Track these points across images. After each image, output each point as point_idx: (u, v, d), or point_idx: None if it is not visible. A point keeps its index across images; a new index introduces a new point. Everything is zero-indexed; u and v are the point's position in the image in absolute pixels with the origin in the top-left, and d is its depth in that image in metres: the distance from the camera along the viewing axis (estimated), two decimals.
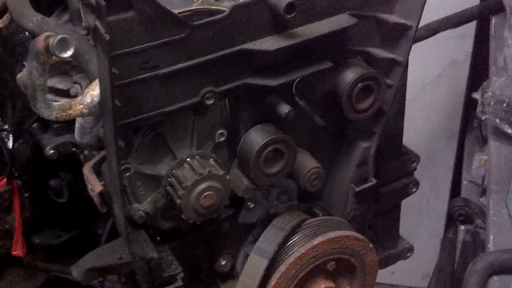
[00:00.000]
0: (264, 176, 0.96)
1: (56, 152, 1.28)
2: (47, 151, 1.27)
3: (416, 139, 2.18)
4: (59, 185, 1.68)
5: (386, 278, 2.57)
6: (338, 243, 1.01)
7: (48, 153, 1.27)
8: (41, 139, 1.31)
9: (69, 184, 1.65)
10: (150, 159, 0.93)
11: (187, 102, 0.89)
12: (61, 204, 1.67)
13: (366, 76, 0.96)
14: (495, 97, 1.37)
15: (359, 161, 1.05)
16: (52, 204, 1.68)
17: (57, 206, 1.68)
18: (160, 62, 0.84)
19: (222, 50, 0.87)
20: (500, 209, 1.25)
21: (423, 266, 2.45)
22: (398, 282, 2.59)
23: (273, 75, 0.91)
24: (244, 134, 0.96)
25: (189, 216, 0.91)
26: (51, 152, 1.27)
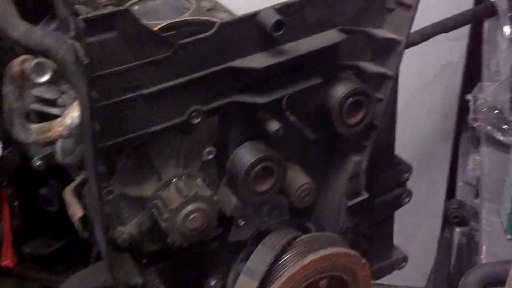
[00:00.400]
0: (253, 194, 0.94)
1: (43, 162, 1.25)
2: (34, 162, 1.25)
3: (412, 140, 2.16)
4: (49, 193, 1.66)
5: (384, 279, 2.56)
6: (329, 260, 0.99)
7: (35, 164, 1.25)
8: (29, 150, 1.29)
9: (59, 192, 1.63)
10: (134, 180, 0.90)
11: (173, 122, 0.86)
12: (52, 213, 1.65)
13: (357, 91, 0.93)
14: (487, 104, 1.36)
15: (350, 175, 1.03)
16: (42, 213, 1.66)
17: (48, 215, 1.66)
18: (144, 81, 0.82)
19: (208, 68, 0.85)
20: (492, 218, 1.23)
21: (421, 265, 2.45)
22: (395, 282, 2.59)
23: (262, 92, 0.89)
24: (233, 151, 0.94)
25: (175, 239, 0.89)
26: (38, 163, 1.25)
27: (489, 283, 1.06)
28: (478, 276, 1.06)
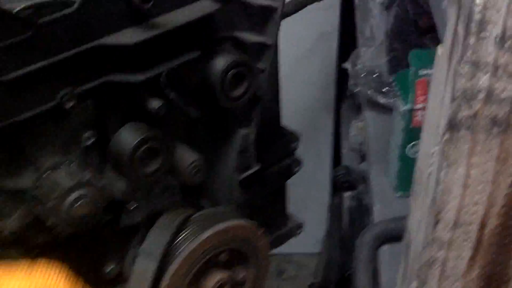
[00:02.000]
0: (141, 177, 0.90)
1: None
2: None
3: (295, 114, 2.21)
4: None
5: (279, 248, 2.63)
6: (227, 234, 0.99)
7: None
8: None
9: None
10: (9, 172, 0.83)
11: (43, 108, 0.80)
12: None
13: (237, 63, 0.93)
14: (365, 69, 1.42)
15: (240, 149, 1.03)
16: None
17: None
18: (3, 67, 0.75)
19: (75, 47, 0.79)
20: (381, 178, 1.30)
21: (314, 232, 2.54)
22: (291, 251, 2.67)
23: (137, 69, 0.85)
24: (113, 134, 0.89)
25: (61, 229, 0.84)
26: None
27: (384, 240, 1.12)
28: (374, 233, 1.12)
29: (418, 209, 0.65)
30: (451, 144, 0.56)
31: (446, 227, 0.60)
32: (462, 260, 0.62)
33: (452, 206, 0.59)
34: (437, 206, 0.60)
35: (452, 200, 0.59)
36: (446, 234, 0.61)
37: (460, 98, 0.53)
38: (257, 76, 0.97)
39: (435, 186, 0.59)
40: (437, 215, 0.60)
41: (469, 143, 0.54)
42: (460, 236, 0.60)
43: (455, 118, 0.54)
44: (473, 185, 0.57)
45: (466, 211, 0.58)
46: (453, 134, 0.55)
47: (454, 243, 0.61)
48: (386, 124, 1.32)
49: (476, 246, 0.60)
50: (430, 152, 0.59)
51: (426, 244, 0.63)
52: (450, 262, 0.62)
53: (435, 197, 0.59)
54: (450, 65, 0.54)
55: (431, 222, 0.61)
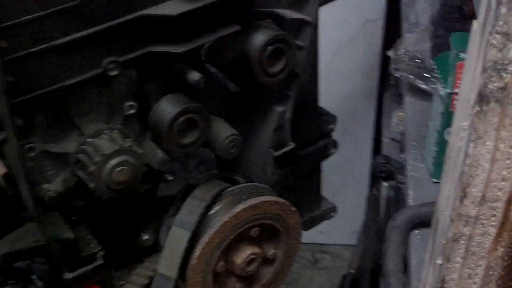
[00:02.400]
0: (179, 147, 0.94)
1: None
2: None
3: (336, 100, 2.22)
4: None
5: (315, 238, 2.64)
6: (260, 209, 1.01)
7: None
8: None
9: None
10: (55, 136, 0.88)
11: (89, 74, 0.84)
12: None
13: (276, 38, 0.94)
14: (408, 54, 1.41)
15: (275, 125, 1.05)
16: None
17: None
18: (54, 32, 0.79)
19: (121, 17, 0.83)
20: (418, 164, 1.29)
21: (351, 224, 2.54)
22: (327, 241, 2.67)
23: (179, 41, 0.88)
24: (155, 104, 0.92)
25: (100, 193, 0.88)
26: None
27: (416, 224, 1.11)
28: (405, 217, 1.11)
29: (448, 184, 0.65)
30: (480, 117, 0.55)
31: (473, 203, 0.60)
32: (487, 237, 0.61)
33: (480, 181, 0.59)
34: (464, 180, 0.59)
35: (479, 175, 0.58)
36: (472, 209, 0.61)
37: (491, 69, 0.52)
38: (295, 53, 0.98)
39: (464, 160, 0.59)
40: (464, 189, 0.60)
41: (498, 116, 0.54)
42: (486, 212, 0.60)
43: (485, 90, 0.53)
44: (501, 159, 0.56)
45: (493, 186, 0.58)
46: (483, 107, 0.55)
47: (480, 219, 0.61)
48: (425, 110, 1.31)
49: (502, 223, 0.59)
50: (461, 126, 0.59)
51: (452, 219, 0.63)
52: (475, 239, 0.62)
53: (463, 171, 0.59)
54: (483, 36, 0.54)
55: (458, 196, 0.61)
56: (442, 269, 0.66)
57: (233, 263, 1.02)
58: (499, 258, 0.62)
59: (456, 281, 0.65)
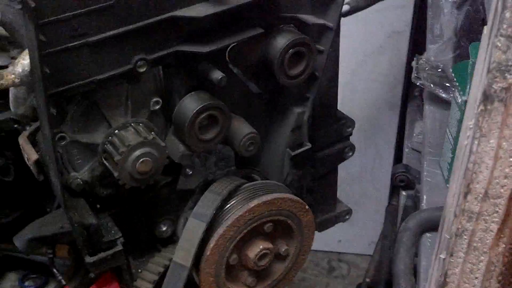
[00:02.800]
0: (199, 142, 0.98)
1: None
2: None
3: (359, 109, 2.24)
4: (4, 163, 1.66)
5: (333, 246, 2.65)
6: (274, 205, 1.04)
7: None
8: None
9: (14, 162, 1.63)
10: (85, 127, 0.94)
11: (119, 70, 0.89)
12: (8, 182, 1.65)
13: (297, 42, 0.98)
14: (429, 63, 1.43)
15: (293, 126, 1.08)
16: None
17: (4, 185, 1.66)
18: (89, 30, 0.84)
19: (152, 17, 0.88)
20: (434, 170, 1.31)
21: (369, 234, 2.54)
22: (345, 250, 2.68)
23: (205, 42, 0.93)
24: (179, 101, 0.97)
25: (123, 181, 0.92)
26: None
27: (428, 227, 1.13)
28: (417, 220, 1.13)
29: (455, 182, 0.67)
30: (484, 116, 0.58)
31: (476, 199, 0.62)
32: (489, 233, 0.63)
33: (483, 178, 0.61)
34: (468, 177, 0.62)
35: (483, 172, 0.60)
36: (475, 205, 0.63)
37: (495, 70, 0.55)
38: (316, 56, 1.01)
39: (468, 157, 0.61)
40: (468, 185, 0.62)
41: (501, 115, 0.57)
42: (489, 209, 0.62)
43: (489, 90, 0.56)
44: (504, 157, 0.58)
45: (496, 183, 0.60)
46: (487, 106, 0.57)
47: (483, 215, 0.63)
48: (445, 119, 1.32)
49: (504, 220, 0.61)
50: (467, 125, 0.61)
51: (456, 215, 0.65)
52: (478, 234, 0.64)
53: (468, 168, 0.62)
54: (490, 39, 0.57)
55: (462, 192, 0.63)
56: (445, 264, 0.68)
57: (246, 256, 1.05)
58: (500, 254, 0.64)
59: (458, 275, 0.67)
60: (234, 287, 1.08)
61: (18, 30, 1.03)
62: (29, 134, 0.98)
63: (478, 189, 0.62)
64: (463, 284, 0.67)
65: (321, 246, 2.62)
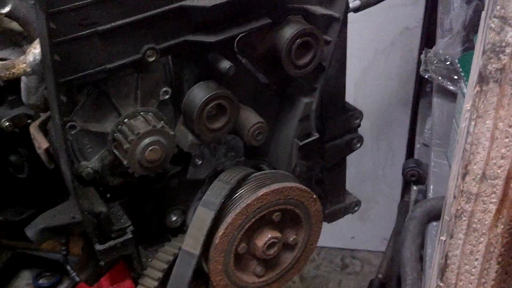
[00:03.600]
0: (208, 132, 1.00)
1: (12, 124, 1.29)
2: (3, 123, 1.29)
3: (372, 106, 2.24)
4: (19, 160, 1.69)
5: (346, 243, 2.65)
6: (282, 194, 1.05)
7: (4, 125, 1.29)
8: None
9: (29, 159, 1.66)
10: (95, 116, 0.96)
11: (129, 59, 0.91)
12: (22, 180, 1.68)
13: (304, 32, 0.99)
14: (438, 56, 1.43)
15: (301, 116, 1.09)
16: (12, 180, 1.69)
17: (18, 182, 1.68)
18: (99, 19, 0.86)
19: (161, 7, 0.90)
20: (441, 161, 1.32)
21: (382, 230, 2.54)
22: (357, 247, 2.68)
23: (213, 32, 0.94)
24: (188, 91, 0.99)
25: (132, 169, 0.94)
26: (7, 124, 1.29)
27: (434, 215, 1.14)
28: (424, 209, 1.14)
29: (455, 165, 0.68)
30: (480, 97, 0.59)
31: (474, 180, 0.63)
32: (488, 214, 0.64)
33: (480, 159, 0.61)
34: (466, 158, 0.63)
35: (480, 152, 0.61)
36: (473, 186, 0.63)
37: (490, 51, 0.56)
38: (323, 47, 1.02)
39: (466, 138, 0.62)
40: (466, 166, 0.63)
41: (497, 96, 0.57)
42: (486, 189, 0.63)
43: (485, 71, 0.57)
44: (500, 138, 0.59)
45: (493, 164, 0.61)
46: (482, 87, 0.58)
47: (481, 196, 0.63)
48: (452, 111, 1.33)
49: (502, 200, 0.62)
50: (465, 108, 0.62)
51: (455, 196, 0.66)
52: (476, 215, 0.64)
53: (465, 149, 0.63)
54: (485, 21, 0.58)
55: (461, 174, 0.64)
56: (446, 246, 0.69)
57: (255, 245, 1.06)
58: (499, 235, 0.64)
59: (459, 257, 0.68)
60: (242, 276, 1.09)
61: (32, 24, 1.06)
62: (40, 123, 1.01)
63: (475, 170, 0.63)
64: (463, 265, 0.68)
65: (334, 243, 2.63)
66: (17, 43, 1.18)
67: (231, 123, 1.01)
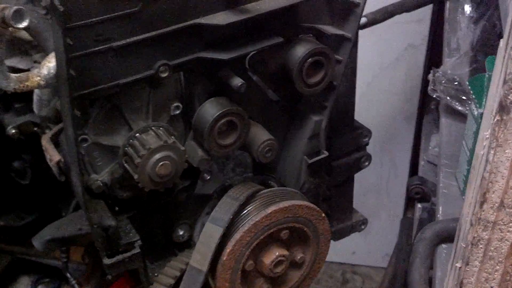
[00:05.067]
0: (218, 148, 0.99)
1: (18, 131, 1.29)
2: (9, 130, 1.29)
3: (375, 121, 2.24)
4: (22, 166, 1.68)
5: (347, 258, 2.64)
6: (291, 212, 1.05)
7: (10, 132, 1.29)
8: (3, 119, 1.33)
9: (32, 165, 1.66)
10: (106, 130, 0.96)
11: (142, 75, 0.91)
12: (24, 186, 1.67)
13: (316, 51, 1.00)
14: (446, 76, 1.44)
15: (311, 134, 1.10)
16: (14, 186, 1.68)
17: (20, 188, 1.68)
18: (114, 34, 0.87)
19: (175, 24, 0.90)
20: (449, 182, 1.32)
21: (383, 246, 2.53)
22: (359, 262, 2.67)
23: (226, 49, 0.95)
24: (199, 106, 0.99)
25: (143, 183, 0.94)
26: (13, 132, 1.29)
27: (444, 237, 1.13)
28: (433, 231, 1.14)
29: (471, 192, 0.68)
30: (500, 126, 0.59)
31: (492, 208, 0.63)
32: (505, 243, 0.64)
33: (499, 187, 0.61)
34: (484, 186, 0.62)
35: (499, 181, 0.61)
36: (491, 215, 0.63)
37: (511, 81, 0.56)
38: (334, 66, 1.03)
39: (484, 167, 0.62)
40: (484, 194, 0.63)
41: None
42: (504, 218, 0.63)
43: (505, 100, 0.57)
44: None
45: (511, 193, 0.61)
46: (503, 116, 0.58)
47: (498, 225, 0.63)
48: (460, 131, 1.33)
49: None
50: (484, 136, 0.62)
51: (472, 224, 0.66)
52: (493, 244, 0.64)
53: (484, 177, 0.62)
54: (506, 51, 0.58)
55: (478, 202, 0.64)
56: (461, 273, 0.68)
57: (262, 263, 1.06)
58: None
59: (474, 284, 0.67)
60: None
61: (42, 34, 1.06)
62: (52, 135, 1.01)
63: (493, 198, 0.63)
64: None
65: (335, 258, 2.62)
66: (26, 52, 1.18)
67: (242, 139, 1.01)
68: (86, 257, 1.67)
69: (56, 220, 1.65)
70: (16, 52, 1.16)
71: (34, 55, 1.18)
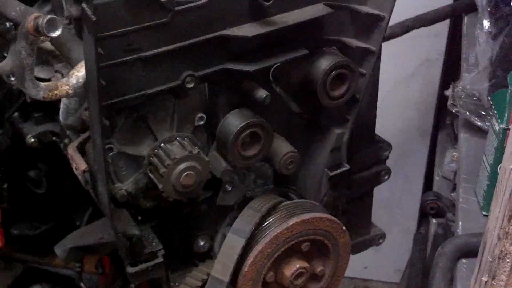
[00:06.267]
0: (241, 159, 1.00)
1: (37, 140, 1.31)
2: (28, 139, 1.31)
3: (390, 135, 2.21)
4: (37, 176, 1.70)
5: (359, 273, 2.63)
6: (312, 224, 1.05)
7: (29, 141, 1.31)
8: (22, 128, 1.35)
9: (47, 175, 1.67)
10: (132, 140, 0.97)
11: (168, 85, 0.92)
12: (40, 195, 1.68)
13: (340, 64, 1.00)
14: (465, 91, 1.44)
15: (332, 147, 1.10)
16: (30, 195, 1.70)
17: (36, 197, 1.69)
18: (143, 45, 0.88)
19: (202, 35, 0.91)
20: (469, 197, 1.31)
21: (395, 261, 2.52)
22: (370, 277, 2.65)
23: (251, 61, 0.96)
24: (223, 118, 1.00)
25: (167, 193, 0.95)
26: (32, 141, 1.31)
27: (464, 252, 1.13)
28: (454, 245, 1.13)
29: (497, 206, 0.68)
30: None
31: None
32: None
33: None
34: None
35: None
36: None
37: None
38: (357, 79, 1.03)
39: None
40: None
41: None
42: None
43: None
44: None
45: None
46: None
47: None
48: (479, 146, 1.33)
49: None
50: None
51: (499, 238, 0.66)
52: None
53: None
54: None
55: (507, 215, 0.64)
56: (487, 287, 0.68)
57: (283, 274, 1.06)
58: None
59: None
60: None
61: (65, 44, 1.08)
62: (78, 144, 1.02)
63: None
64: None
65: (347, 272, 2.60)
66: (47, 62, 1.20)
67: (264, 151, 1.02)
68: (100, 267, 1.67)
69: (70, 230, 1.66)
70: (38, 61, 1.18)
71: (55, 65, 1.20)
